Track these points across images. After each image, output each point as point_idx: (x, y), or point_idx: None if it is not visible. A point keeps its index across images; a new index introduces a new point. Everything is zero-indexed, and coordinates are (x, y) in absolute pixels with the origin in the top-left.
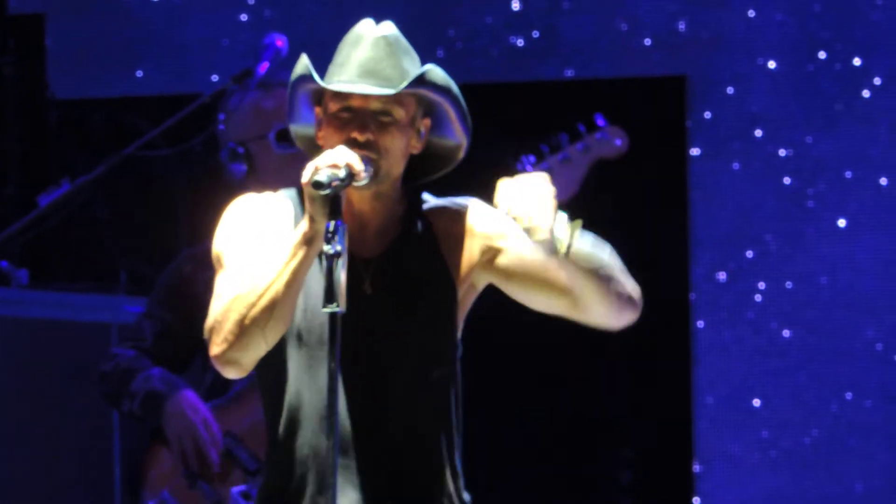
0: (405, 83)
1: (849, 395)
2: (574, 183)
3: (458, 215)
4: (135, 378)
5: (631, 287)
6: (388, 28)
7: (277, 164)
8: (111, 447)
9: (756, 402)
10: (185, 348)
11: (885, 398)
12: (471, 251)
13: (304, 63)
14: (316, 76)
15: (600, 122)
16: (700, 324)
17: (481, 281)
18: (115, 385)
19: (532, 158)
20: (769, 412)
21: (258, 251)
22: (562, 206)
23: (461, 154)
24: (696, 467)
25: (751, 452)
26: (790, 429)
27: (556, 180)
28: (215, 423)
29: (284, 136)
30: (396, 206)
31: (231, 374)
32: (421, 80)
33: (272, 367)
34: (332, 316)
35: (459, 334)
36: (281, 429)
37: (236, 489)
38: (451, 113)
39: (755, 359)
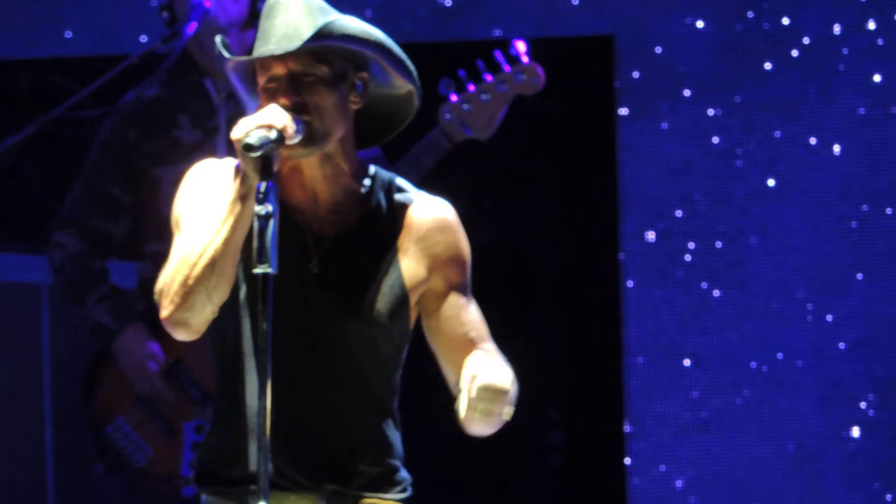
0: (306, 38)
1: (780, 355)
2: (494, 121)
3: (432, 223)
4: (85, 300)
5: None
6: None
7: None
8: (42, 410)
9: (686, 363)
10: (134, 228)
11: (816, 358)
12: (427, 269)
13: (217, 44)
14: (224, 51)
15: (516, 52)
16: (629, 283)
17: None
18: (65, 292)
19: (450, 82)
20: (700, 372)
21: (208, 215)
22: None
23: (415, 102)
24: (627, 427)
25: (682, 413)
26: (721, 389)
27: (476, 118)
28: (162, 354)
29: None
30: (351, 177)
31: (181, 335)
32: (327, 32)
33: (219, 324)
34: (265, 277)
35: (411, 330)
36: (225, 386)
37: (189, 424)
38: (383, 61)
39: (685, 318)
